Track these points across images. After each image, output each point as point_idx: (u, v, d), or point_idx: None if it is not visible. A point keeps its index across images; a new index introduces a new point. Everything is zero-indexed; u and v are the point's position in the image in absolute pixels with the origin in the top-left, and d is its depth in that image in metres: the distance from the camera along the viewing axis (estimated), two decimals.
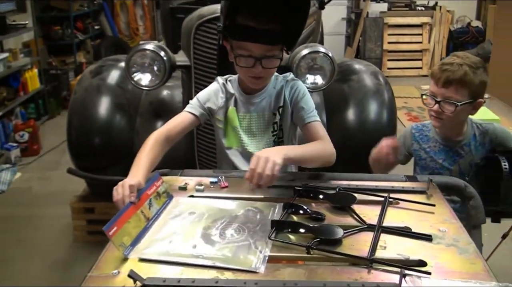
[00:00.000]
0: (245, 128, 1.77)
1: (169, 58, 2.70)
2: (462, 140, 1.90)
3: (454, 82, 1.77)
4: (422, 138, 1.98)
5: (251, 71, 1.62)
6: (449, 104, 1.79)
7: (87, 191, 3.31)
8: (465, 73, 1.76)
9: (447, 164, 1.91)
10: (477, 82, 1.78)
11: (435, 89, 1.83)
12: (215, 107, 1.75)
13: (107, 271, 1.10)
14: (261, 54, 1.57)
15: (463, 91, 1.77)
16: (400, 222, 1.33)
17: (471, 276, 1.09)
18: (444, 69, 1.79)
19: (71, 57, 6.98)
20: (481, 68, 1.80)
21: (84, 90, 3.02)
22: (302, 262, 1.17)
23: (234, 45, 1.61)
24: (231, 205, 1.40)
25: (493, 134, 1.90)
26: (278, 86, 1.77)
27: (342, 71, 3.08)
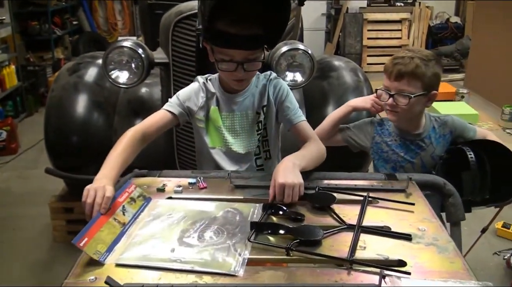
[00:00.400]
0: (228, 128, 1.75)
1: (147, 55, 2.66)
2: (422, 133, 1.92)
3: (406, 75, 1.79)
4: (384, 132, 1.99)
5: (233, 75, 1.60)
6: (403, 97, 1.80)
7: (66, 190, 3.26)
8: (416, 65, 1.78)
9: (409, 157, 1.92)
10: (429, 74, 1.80)
11: (388, 83, 1.85)
12: (195, 107, 1.73)
13: (84, 278, 1.08)
14: (243, 58, 1.55)
15: (415, 83, 1.79)
16: (380, 221, 1.33)
17: (451, 275, 1.09)
18: (396, 62, 1.81)
19: (49, 53, 6.87)
20: (433, 61, 1.82)
21: (61, 88, 2.97)
22: (285, 264, 1.16)
23: (215, 50, 1.58)
24: (210, 206, 1.38)
25: (452, 125, 1.93)
26: (260, 85, 1.76)
27: (322, 68, 3.08)
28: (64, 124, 2.87)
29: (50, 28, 6.82)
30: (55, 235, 3.25)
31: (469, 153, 1.75)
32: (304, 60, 2.65)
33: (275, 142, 1.85)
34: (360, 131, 2.03)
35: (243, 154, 1.75)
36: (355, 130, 2.04)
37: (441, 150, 1.90)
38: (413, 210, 1.39)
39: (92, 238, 1.16)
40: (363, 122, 2.06)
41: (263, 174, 1.63)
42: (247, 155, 1.76)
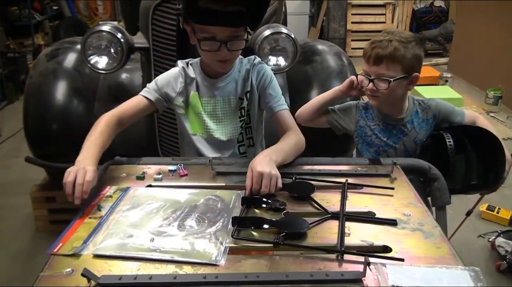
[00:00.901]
0: (209, 113, 1.71)
1: (127, 40, 2.60)
2: (405, 117, 1.89)
3: (384, 58, 1.75)
4: (368, 116, 1.96)
5: (216, 55, 1.55)
6: (382, 81, 1.77)
7: (48, 179, 3.20)
8: (395, 48, 1.74)
9: (391, 142, 1.89)
10: (409, 56, 1.76)
11: (367, 68, 1.81)
12: (173, 92, 1.69)
13: (60, 270, 1.04)
14: (226, 37, 1.51)
15: (394, 66, 1.75)
16: (364, 207, 1.31)
17: (437, 260, 1.07)
18: (374, 46, 1.77)
19: (29, 39, 6.71)
20: (412, 42, 1.77)
21: (40, 74, 2.90)
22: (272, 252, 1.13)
23: (196, 29, 1.53)
24: (190, 194, 1.35)
25: (436, 109, 1.90)
26: (243, 70, 1.72)
27: (305, 52, 3.04)
28: (43, 112, 2.80)
29: (30, 13, 6.66)
30: (37, 224, 3.19)
31: (448, 139, 1.72)
32: (287, 44, 2.62)
33: (258, 129, 1.82)
34: (345, 114, 2.00)
35: (225, 141, 1.72)
36: (340, 113, 2.01)
37: (424, 135, 1.88)
38: (398, 195, 1.37)
39: (67, 241, 1.14)
40: (349, 105, 2.03)
41: (245, 160, 1.59)
42: (230, 142, 1.73)
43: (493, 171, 1.76)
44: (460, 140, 1.74)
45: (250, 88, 1.72)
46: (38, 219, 3.20)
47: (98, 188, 1.40)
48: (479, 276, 1.02)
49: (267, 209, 1.28)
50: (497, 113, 5.34)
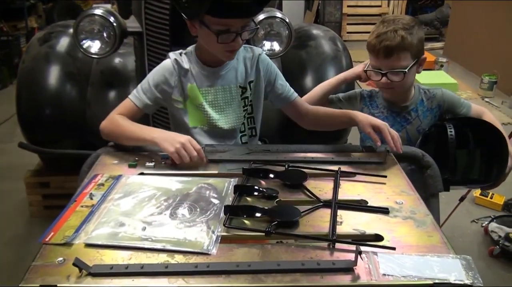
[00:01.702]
0: (211, 103, 1.68)
1: (119, 24, 2.57)
2: (409, 105, 1.88)
3: (394, 50, 1.74)
4: (372, 104, 1.96)
5: (229, 46, 1.54)
6: (396, 73, 1.76)
7: (41, 165, 3.19)
8: (402, 38, 1.73)
9: (394, 130, 1.88)
10: (415, 42, 1.76)
11: (377, 62, 1.79)
12: (169, 88, 1.66)
13: (52, 259, 1.03)
14: (240, 27, 1.51)
15: (405, 55, 1.75)
16: (356, 195, 1.31)
17: (429, 249, 1.08)
18: (381, 39, 1.75)
19: (22, 22, 6.64)
20: (414, 27, 1.77)
21: (32, 59, 2.87)
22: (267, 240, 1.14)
23: (209, 21, 1.49)
24: (183, 182, 1.34)
25: (441, 99, 1.89)
26: (241, 57, 1.71)
27: (300, 37, 3.02)
28: (36, 97, 2.78)
29: None
30: (31, 210, 3.19)
31: (450, 129, 1.71)
32: (282, 28, 2.60)
33: (259, 120, 1.81)
34: (349, 102, 1.99)
35: (227, 130, 1.70)
36: (344, 101, 2.00)
37: (427, 124, 1.87)
38: (390, 183, 1.37)
39: (59, 229, 1.13)
40: (353, 93, 2.02)
41: (238, 147, 1.58)
42: (232, 131, 1.71)
43: (496, 166, 1.75)
44: (463, 132, 1.73)
45: (255, 78, 1.71)
46: (32, 204, 3.20)
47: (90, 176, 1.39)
48: (471, 264, 1.02)
49: (260, 197, 1.28)
50: (492, 98, 5.35)
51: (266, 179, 1.37)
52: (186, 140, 1.41)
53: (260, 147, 1.62)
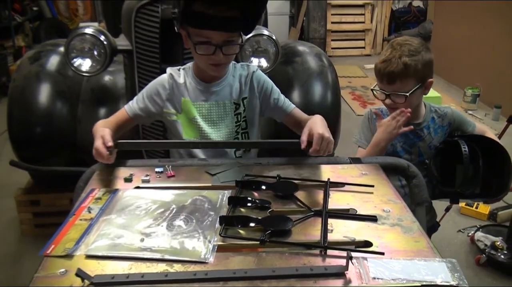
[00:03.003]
0: (204, 117, 1.72)
1: (110, 42, 2.62)
2: (422, 122, 1.94)
3: (397, 77, 1.79)
4: None
5: (211, 59, 1.58)
6: (399, 96, 1.82)
7: (32, 183, 3.21)
8: (405, 65, 1.78)
9: (406, 146, 1.94)
10: (420, 67, 1.80)
11: (382, 86, 1.86)
12: (161, 100, 1.71)
13: (53, 271, 1.06)
14: (221, 41, 1.54)
15: (408, 81, 1.80)
16: (345, 204, 1.35)
17: (416, 253, 1.13)
18: (386, 66, 1.81)
19: (9, 40, 6.66)
20: (422, 51, 1.82)
21: (23, 77, 2.90)
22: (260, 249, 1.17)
23: (192, 33, 1.55)
24: (178, 194, 1.38)
25: (451, 117, 1.96)
26: (237, 74, 1.75)
27: (286, 53, 3.09)
28: (27, 115, 2.81)
29: (10, 14, 6.61)
30: (22, 228, 3.20)
31: (463, 146, 1.76)
32: (269, 45, 2.67)
33: (256, 135, 1.84)
34: (365, 133, 2.03)
35: None
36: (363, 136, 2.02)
37: (438, 141, 1.93)
38: (377, 192, 1.42)
39: (60, 242, 1.16)
40: (363, 122, 2.06)
41: (231, 161, 1.63)
42: None
43: (496, 181, 1.81)
44: (471, 148, 1.78)
45: (249, 94, 1.75)
46: (23, 222, 3.21)
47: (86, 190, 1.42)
48: (456, 267, 1.07)
49: (253, 208, 1.32)
50: (475, 110, 5.46)
51: (259, 190, 1.41)
52: (98, 144, 1.46)
53: (252, 161, 1.66)
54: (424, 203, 1.62)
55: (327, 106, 2.88)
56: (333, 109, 2.90)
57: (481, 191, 1.81)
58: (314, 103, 2.88)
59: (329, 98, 2.91)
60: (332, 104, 2.91)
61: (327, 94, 2.91)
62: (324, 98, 2.90)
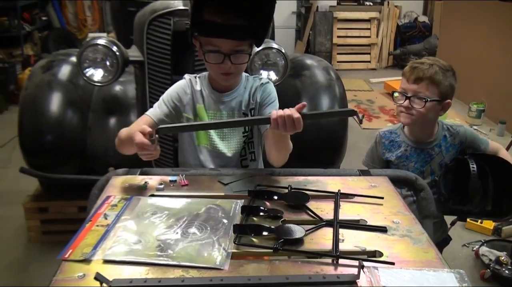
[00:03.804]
0: None
1: (122, 53, 2.67)
2: (434, 141, 1.97)
3: (424, 79, 1.85)
4: (393, 145, 2.03)
5: (220, 67, 1.62)
6: (419, 99, 1.86)
7: (40, 190, 3.23)
8: (435, 72, 1.85)
9: (419, 166, 1.97)
10: (446, 83, 1.87)
11: (406, 86, 1.90)
12: (181, 105, 1.74)
13: (72, 275, 1.10)
14: (230, 49, 1.58)
15: (433, 88, 1.86)
16: (356, 215, 1.38)
17: (425, 264, 1.15)
18: (415, 66, 1.88)
19: (18, 49, 6.74)
20: (450, 71, 1.89)
21: (35, 86, 2.95)
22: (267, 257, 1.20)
23: (202, 42, 1.60)
24: (192, 203, 1.41)
25: (463, 136, 1.98)
26: (248, 87, 1.78)
27: (295, 66, 3.13)
28: (38, 123, 2.85)
29: (19, 24, 6.69)
30: (30, 235, 3.21)
31: (472, 164, 1.80)
32: (278, 59, 2.71)
33: (259, 143, 1.87)
34: (373, 158, 2.08)
35: (229, 156, 1.77)
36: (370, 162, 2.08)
37: (449, 159, 1.96)
38: (386, 204, 1.45)
39: (77, 246, 1.19)
40: (371, 147, 2.11)
41: (243, 171, 1.66)
42: (233, 156, 1.78)
43: (506, 200, 1.84)
44: (481, 167, 1.82)
45: (255, 105, 1.77)
46: (30, 229, 3.21)
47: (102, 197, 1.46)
48: (464, 277, 1.10)
49: (265, 217, 1.35)
50: (480, 126, 5.48)
51: (271, 200, 1.45)
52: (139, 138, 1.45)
53: (264, 171, 1.70)
54: (431, 216, 1.65)
55: (335, 119, 2.92)
56: (340, 122, 2.93)
57: (491, 210, 1.83)
58: None
59: None
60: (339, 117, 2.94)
61: (335, 107, 2.94)
62: None
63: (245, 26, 1.57)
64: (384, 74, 7.81)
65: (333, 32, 7.90)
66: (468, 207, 1.81)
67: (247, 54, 1.64)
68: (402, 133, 2.02)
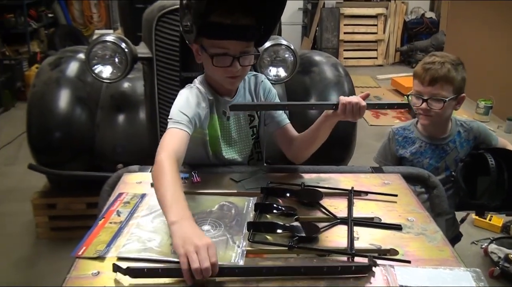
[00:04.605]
0: (225, 137, 1.69)
1: (131, 50, 2.66)
2: (448, 136, 1.97)
3: (439, 79, 1.84)
4: (407, 141, 2.02)
5: (228, 71, 1.52)
6: (437, 101, 1.85)
7: (48, 186, 3.24)
8: (448, 70, 1.84)
9: (433, 162, 1.96)
10: (459, 78, 1.86)
11: (421, 88, 1.89)
12: (202, 115, 1.57)
13: (86, 272, 1.10)
14: (238, 51, 1.49)
15: (448, 87, 1.85)
16: (370, 212, 1.38)
17: (441, 262, 1.15)
18: (428, 68, 1.86)
19: (25, 46, 6.75)
20: (460, 65, 1.89)
21: (43, 83, 2.94)
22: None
23: (207, 45, 1.50)
24: (205, 200, 1.41)
25: (477, 131, 1.98)
26: (247, 86, 1.72)
27: (303, 63, 3.11)
28: (46, 120, 2.84)
29: (26, 21, 6.70)
30: (38, 231, 3.22)
31: (490, 159, 1.78)
32: (287, 55, 2.69)
33: (264, 143, 1.84)
34: (385, 156, 2.07)
35: (240, 161, 1.74)
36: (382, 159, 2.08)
37: (464, 154, 1.95)
38: (400, 202, 1.44)
39: (90, 244, 1.19)
40: (384, 145, 2.10)
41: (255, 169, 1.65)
42: (243, 160, 1.76)
43: None
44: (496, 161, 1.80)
45: None
46: (39, 226, 3.23)
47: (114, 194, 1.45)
48: (480, 276, 1.09)
49: (279, 214, 1.34)
50: (488, 123, 5.44)
51: (283, 197, 1.44)
52: (203, 245, 1.05)
53: (276, 168, 1.69)
54: (444, 213, 1.64)
55: None
56: None
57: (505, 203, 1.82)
58: None
59: None
60: None
61: None
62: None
63: (253, 26, 1.51)
64: (391, 70, 7.79)
65: (339, 28, 7.88)
66: (486, 201, 1.80)
67: (254, 55, 1.57)
68: (416, 129, 2.02)
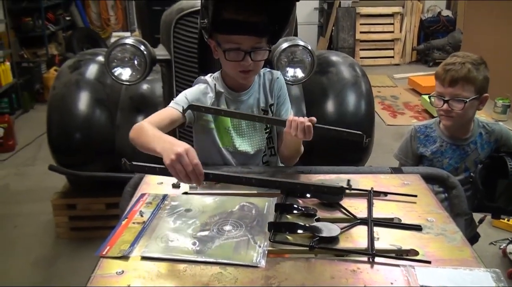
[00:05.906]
0: (236, 128, 1.74)
1: (149, 53, 2.70)
2: (469, 137, 1.96)
3: (460, 80, 1.84)
4: (428, 139, 2.02)
5: (240, 65, 1.60)
6: (458, 101, 1.85)
7: (68, 187, 3.28)
8: (468, 70, 1.83)
9: (453, 162, 1.96)
10: (481, 78, 1.85)
11: (442, 89, 1.89)
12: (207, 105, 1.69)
13: (111, 271, 1.12)
14: (250, 46, 1.57)
15: (469, 87, 1.85)
16: (390, 213, 1.38)
17: (461, 263, 1.15)
18: (448, 69, 1.86)
19: (43, 49, 6.85)
20: (482, 64, 1.88)
21: (63, 85, 2.99)
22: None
23: (221, 40, 1.59)
24: (225, 201, 1.43)
25: (499, 134, 1.97)
26: (262, 82, 1.77)
27: (320, 63, 3.12)
28: (66, 121, 2.89)
29: (43, 24, 6.80)
30: (58, 231, 3.27)
31: (510, 163, 1.79)
32: (304, 56, 2.70)
33: (276, 139, 1.87)
34: (406, 153, 2.07)
35: (251, 154, 1.76)
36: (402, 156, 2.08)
37: (484, 156, 1.95)
38: (420, 202, 1.44)
39: (114, 243, 1.22)
40: (405, 141, 2.09)
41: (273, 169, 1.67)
42: (256, 153, 1.78)
43: None
44: None
45: (274, 101, 1.78)
46: (58, 226, 3.27)
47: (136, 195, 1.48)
48: (500, 277, 1.09)
49: (299, 215, 1.36)
50: (505, 121, 5.40)
51: (303, 198, 1.45)
52: (183, 150, 1.25)
53: (294, 169, 1.70)
54: (463, 214, 1.64)
55: (361, 115, 2.91)
56: (367, 118, 2.92)
57: None
58: (348, 113, 2.91)
59: (363, 107, 2.94)
60: (366, 113, 2.94)
61: (361, 104, 2.93)
62: (358, 108, 2.93)
63: (265, 22, 1.58)
64: (408, 69, 7.76)
65: (356, 27, 7.86)
66: (504, 204, 1.80)
67: (266, 50, 1.64)
68: (438, 128, 2.01)
